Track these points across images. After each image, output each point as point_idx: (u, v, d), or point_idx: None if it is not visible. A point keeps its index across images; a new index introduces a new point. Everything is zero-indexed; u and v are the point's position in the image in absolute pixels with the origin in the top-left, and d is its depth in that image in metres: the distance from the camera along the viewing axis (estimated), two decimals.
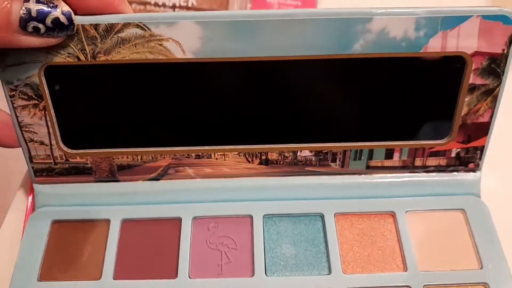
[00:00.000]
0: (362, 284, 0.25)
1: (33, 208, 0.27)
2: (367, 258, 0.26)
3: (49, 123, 0.25)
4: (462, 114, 0.26)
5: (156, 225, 0.27)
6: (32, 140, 0.26)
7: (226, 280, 0.25)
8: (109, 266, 0.25)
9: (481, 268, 0.25)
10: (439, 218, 0.27)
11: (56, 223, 0.27)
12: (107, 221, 0.27)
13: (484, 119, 0.26)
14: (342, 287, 0.25)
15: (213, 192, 0.28)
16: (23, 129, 0.25)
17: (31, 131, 0.25)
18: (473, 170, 0.28)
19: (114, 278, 0.25)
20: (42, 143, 0.26)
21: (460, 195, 0.28)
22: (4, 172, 0.37)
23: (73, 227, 0.27)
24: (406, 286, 0.25)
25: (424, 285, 0.25)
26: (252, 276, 0.25)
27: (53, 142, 0.26)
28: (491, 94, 0.25)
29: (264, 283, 0.25)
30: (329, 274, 0.25)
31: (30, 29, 0.20)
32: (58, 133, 0.26)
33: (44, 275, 0.25)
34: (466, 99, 0.25)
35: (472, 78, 0.24)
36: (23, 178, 0.29)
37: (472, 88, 0.25)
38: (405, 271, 0.25)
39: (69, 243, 0.26)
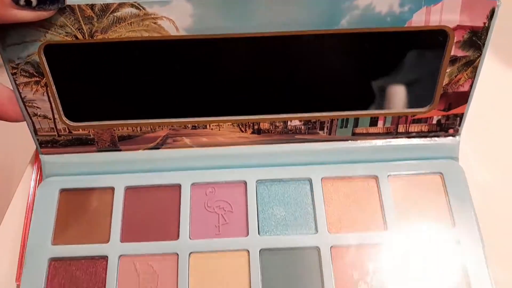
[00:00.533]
0: (345, 242, 0.27)
1: (41, 180, 0.29)
2: (351, 218, 0.28)
3: (51, 99, 0.26)
4: (444, 84, 0.27)
5: (157, 191, 0.29)
6: (36, 115, 0.27)
7: (223, 240, 0.27)
8: (116, 230, 0.27)
9: (453, 227, 0.28)
10: (418, 181, 0.30)
11: (64, 191, 0.29)
12: (112, 189, 0.29)
13: (464, 88, 0.27)
14: (327, 245, 0.27)
15: (209, 160, 0.29)
16: (26, 104, 0.27)
17: (34, 106, 0.27)
18: (453, 135, 0.30)
19: (121, 241, 0.27)
20: (45, 117, 0.27)
21: (439, 159, 0.30)
22: (7, 165, 0.38)
23: (80, 195, 0.29)
24: (385, 242, 0.27)
25: (400, 242, 0.27)
26: (247, 235, 0.28)
27: (56, 116, 0.27)
28: (472, 65, 0.26)
29: (257, 242, 0.27)
30: (315, 233, 0.28)
31: (22, 2, 0.21)
32: (60, 108, 0.27)
33: (57, 239, 0.27)
34: (448, 70, 0.26)
35: (454, 51, 0.26)
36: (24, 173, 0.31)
37: (454, 60, 0.26)
38: (385, 230, 0.28)
39: (77, 210, 0.28)
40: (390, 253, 0.27)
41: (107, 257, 0.27)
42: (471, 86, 0.27)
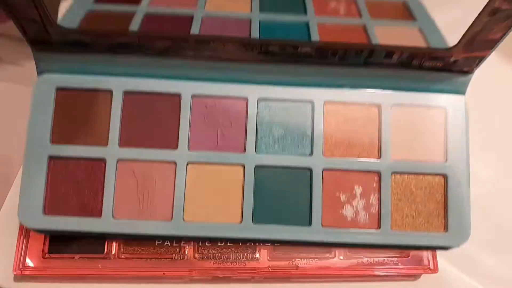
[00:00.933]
0: (338, 165, 0.28)
1: None
2: (347, 144, 0.29)
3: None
4: (475, 30, 0.25)
5: (157, 99, 0.28)
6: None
7: (221, 154, 0.28)
8: (114, 134, 0.27)
9: (445, 162, 0.29)
10: (421, 113, 0.29)
11: (60, 90, 0.28)
12: (110, 92, 0.28)
13: (495, 36, 0.25)
14: (320, 167, 0.28)
15: (212, 72, 0.28)
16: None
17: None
18: (466, 73, 0.29)
19: (120, 146, 0.28)
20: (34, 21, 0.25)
21: (447, 93, 0.29)
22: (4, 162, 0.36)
23: (77, 95, 0.28)
24: (376, 171, 0.28)
25: (392, 172, 0.28)
26: (244, 151, 0.28)
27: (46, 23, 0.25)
28: (510, 18, 0.24)
29: (254, 158, 0.28)
30: (310, 155, 0.28)
31: None
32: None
33: (56, 139, 0.27)
34: (485, 20, 0.24)
35: (498, 3, 0.23)
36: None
37: (495, 11, 0.24)
38: (379, 158, 0.29)
39: (75, 111, 0.28)
40: (379, 180, 0.28)
41: (105, 159, 0.27)
42: (502, 36, 0.25)
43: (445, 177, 0.28)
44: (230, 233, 0.27)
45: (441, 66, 0.28)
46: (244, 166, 0.28)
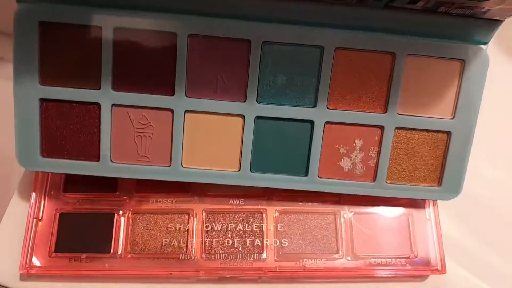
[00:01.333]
0: (341, 119, 0.27)
1: None
2: (354, 96, 0.27)
3: None
4: None
5: (150, 37, 0.26)
6: None
7: (220, 102, 0.27)
8: (107, 76, 0.26)
9: (452, 118, 0.28)
10: (437, 65, 0.27)
11: (44, 25, 0.25)
12: (99, 28, 0.25)
13: None
14: (322, 120, 0.27)
15: (212, 7, 0.25)
16: None
17: None
18: (495, 21, 0.26)
19: (113, 89, 0.26)
20: None
21: (468, 43, 0.27)
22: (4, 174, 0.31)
23: (63, 30, 0.25)
24: (380, 126, 0.28)
25: (395, 127, 0.28)
26: (244, 101, 0.27)
27: None
28: None
29: (254, 108, 0.27)
30: (314, 107, 0.27)
31: None
32: None
33: (45, 79, 0.26)
34: None
35: None
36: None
37: None
38: (385, 112, 0.27)
39: (62, 48, 0.25)
40: (381, 134, 0.28)
41: (99, 104, 0.26)
42: None
43: (448, 134, 0.28)
44: (228, 180, 0.28)
45: (470, 14, 0.25)
46: (244, 117, 0.27)
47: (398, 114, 0.27)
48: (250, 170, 0.28)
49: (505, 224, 0.32)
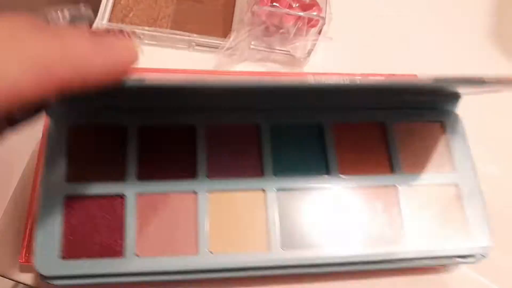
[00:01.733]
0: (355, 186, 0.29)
1: None
2: (360, 164, 0.30)
3: None
4: None
5: (171, 132, 0.28)
6: None
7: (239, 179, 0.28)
8: (132, 168, 0.27)
9: (453, 171, 0.30)
10: (422, 128, 0.31)
11: (73, 129, 0.27)
12: (125, 128, 0.28)
13: None
14: (338, 187, 0.28)
15: (226, 101, 0.29)
16: None
17: None
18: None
19: (138, 179, 0.27)
20: None
21: (440, 109, 0.31)
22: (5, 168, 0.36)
23: (90, 132, 0.28)
24: (393, 185, 0.29)
25: (408, 185, 0.29)
26: (262, 176, 0.28)
27: None
28: None
29: (272, 182, 0.28)
30: (326, 175, 0.29)
31: None
32: None
33: (71, 177, 0.26)
34: None
35: None
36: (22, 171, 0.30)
37: None
38: (392, 173, 0.29)
39: (88, 148, 0.27)
40: (397, 193, 0.29)
41: (124, 194, 0.26)
42: None
43: (456, 186, 0.30)
44: (260, 262, 0.26)
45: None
46: (264, 190, 0.28)
47: (403, 173, 0.29)
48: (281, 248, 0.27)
49: (506, 220, 0.31)
